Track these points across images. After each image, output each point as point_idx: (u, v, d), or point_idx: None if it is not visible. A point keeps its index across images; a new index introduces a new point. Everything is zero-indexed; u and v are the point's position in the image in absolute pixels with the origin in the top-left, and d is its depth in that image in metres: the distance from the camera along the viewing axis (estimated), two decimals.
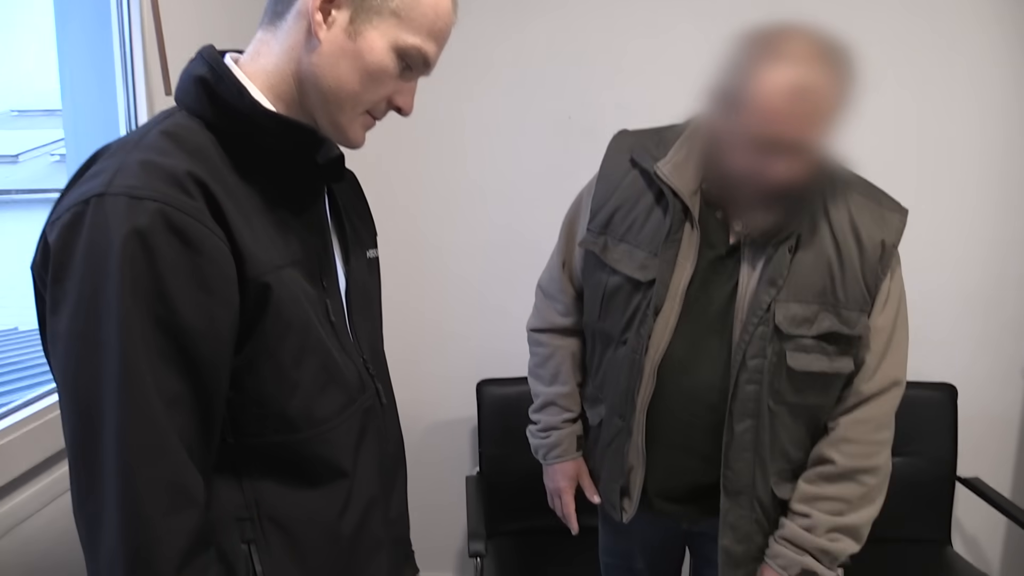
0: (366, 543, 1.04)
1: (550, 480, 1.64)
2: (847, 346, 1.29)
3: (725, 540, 1.39)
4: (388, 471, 1.10)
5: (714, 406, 1.34)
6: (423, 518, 2.76)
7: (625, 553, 1.65)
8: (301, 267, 0.96)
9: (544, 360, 1.62)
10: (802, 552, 1.31)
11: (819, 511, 1.31)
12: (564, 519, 1.65)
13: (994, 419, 2.61)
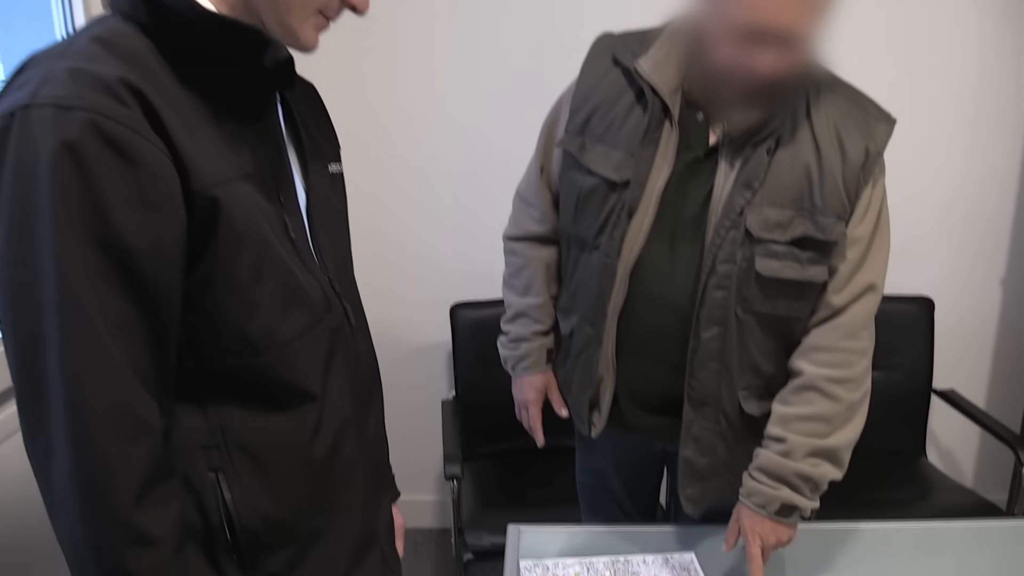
0: (341, 467, 1.01)
1: (518, 391, 1.63)
2: (821, 253, 1.25)
3: (687, 451, 1.37)
4: (361, 393, 1.06)
5: (684, 313, 1.30)
6: (401, 443, 2.77)
7: (600, 472, 1.65)
8: (254, 181, 0.90)
9: (518, 270, 1.58)
10: (779, 484, 1.26)
11: (795, 433, 1.26)
12: (530, 431, 1.64)
13: (970, 331, 2.62)
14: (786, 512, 1.26)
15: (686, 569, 1.37)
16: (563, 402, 1.57)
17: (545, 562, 1.39)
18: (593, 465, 1.66)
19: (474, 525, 2.06)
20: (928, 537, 1.47)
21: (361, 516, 1.04)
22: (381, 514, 1.13)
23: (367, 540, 1.07)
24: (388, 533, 1.16)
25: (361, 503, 1.05)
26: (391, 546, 1.17)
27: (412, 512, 2.79)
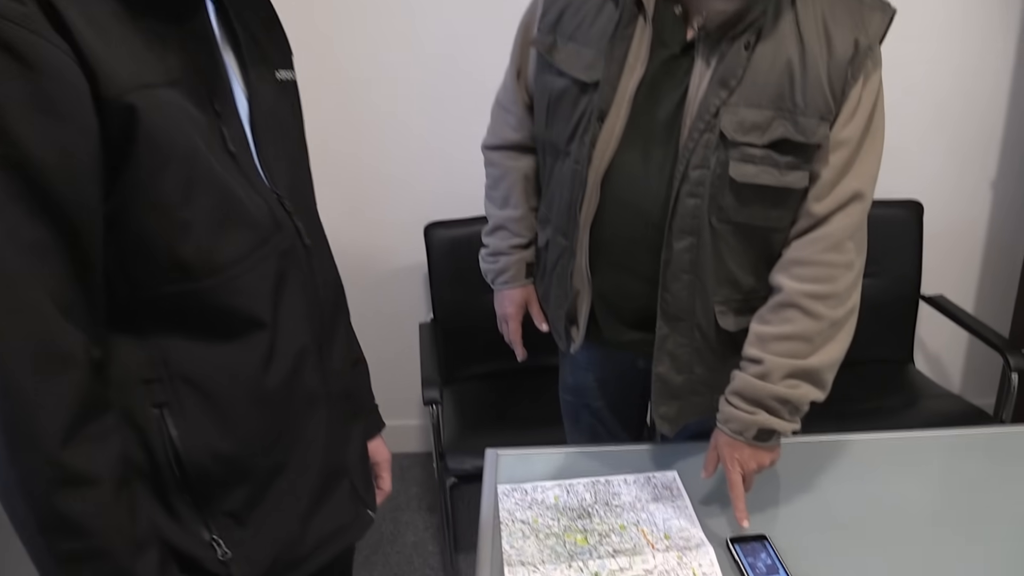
0: (299, 399, 0.94)
1: (498, 305, 1.58)
2: (801, 158, 1.15)
3: (660, 368, 1.31)
4: (321, 319, 0.99)
5: (657, 223, 1.23)
6: (382, 368, 2.72)
7: (582, 390, 1.60)
8: (182, 87, 0.81)
9: (496, 181, 1.52)
10: (756, 408, 1.20)
11: (772, 354, 1.19)
12: (510, 345, 1.60)
13: (960, 235, 2.56)
14: (764, 437, 1.20)
15: (668, 488, 1.33)
16: (543, 316, 1.53)
17: (524, 486, 1.35)
18: (575, 383, 1.61)
19: (456, 449, 2.02)
20: (915, 447, 1.43)
21: (325, 449, 0.99)
22: (352, 446, 1.08)
23: (334, 473, 1.01)
24: (361, 465, 1.11)
25: (325, 436, 0.99)
26: (364, 478, 1.11)
27: (397, 437, 2.77)
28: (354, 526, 1.06)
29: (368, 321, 2.60)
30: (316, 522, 0.98)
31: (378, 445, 1.25)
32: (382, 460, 1.25)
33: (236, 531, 0.90)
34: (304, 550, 0.97)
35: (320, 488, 0.98)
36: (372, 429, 1.24)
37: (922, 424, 2.01)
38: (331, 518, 1.01)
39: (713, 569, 1.15)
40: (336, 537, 1.02)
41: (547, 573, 1.14)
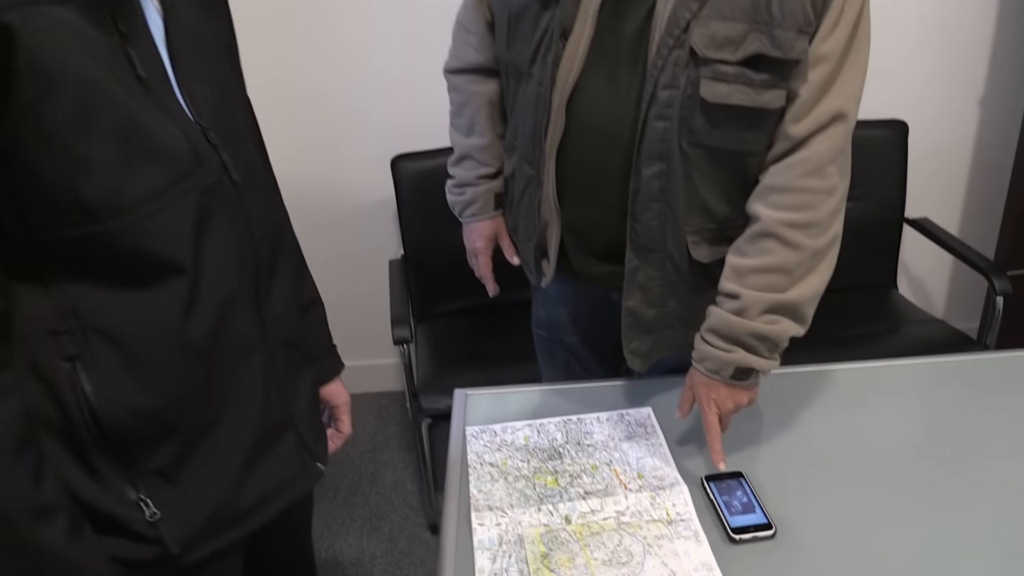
0: (230, 348, 0.87)
1: (467, 239, 1.52)
2: (778, 75, 1.07)
3: (631, 301, 1.25)
4: (255, 262, 0.91)
5: (625, 149, 1.15)
6: (355, 307, 2.67)
7: (555, 326, 1.54)
8: (76, 5, 0.71)
9: (460, 108, 1.43)
10: (733, 346, 1.13)
11: (750, 288, 1.12)
12: (482, 280, 1.54)
13: (945, 155, 2.49)
14: (742, 375, 1.14)
15: (642, 426, 1.28)
16: (514, 249, 1.46)
17: (493, 427, 1.29)
18: (548, 317, 1.55)
19: (429, 388, 1.97)
20: (898, 376, 1.38)
21: (263, 401, 0.92)
22: (299, 396, 1.01)
23: (276, 426, 0.95)
24: (310, 415, 1.04)
25: (262, 386, 0.92)
26: (314, 428, 1.05)
27: (374, 376, 2.72)
28: (301, 479, 1.00)
29: (339, 259, 2.53)
30: (256, 477, 0.92)
31: (336, 388, 1.19)
32: (341, 403, 1.19)
33: (165, 490, 0.84)
34: (243, 506, 0.91)
35: (259, 442, 0.92)
36: (328, 372, 1.17)
37: (905, 351, 1.98)
38: (273, 472, 0.95)
39: (687, 509, 1.10)
40: (280, 492, 0.96)
41: (515, 518, 1.10)
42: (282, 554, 1.16)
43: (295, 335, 1.01)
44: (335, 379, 1.19)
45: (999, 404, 1.29)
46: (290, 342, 0.99)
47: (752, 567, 1.01)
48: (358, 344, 2.66)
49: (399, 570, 2.02)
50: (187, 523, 0.85)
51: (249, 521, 0.93)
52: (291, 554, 1.18)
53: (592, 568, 1.00)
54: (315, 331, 1.15)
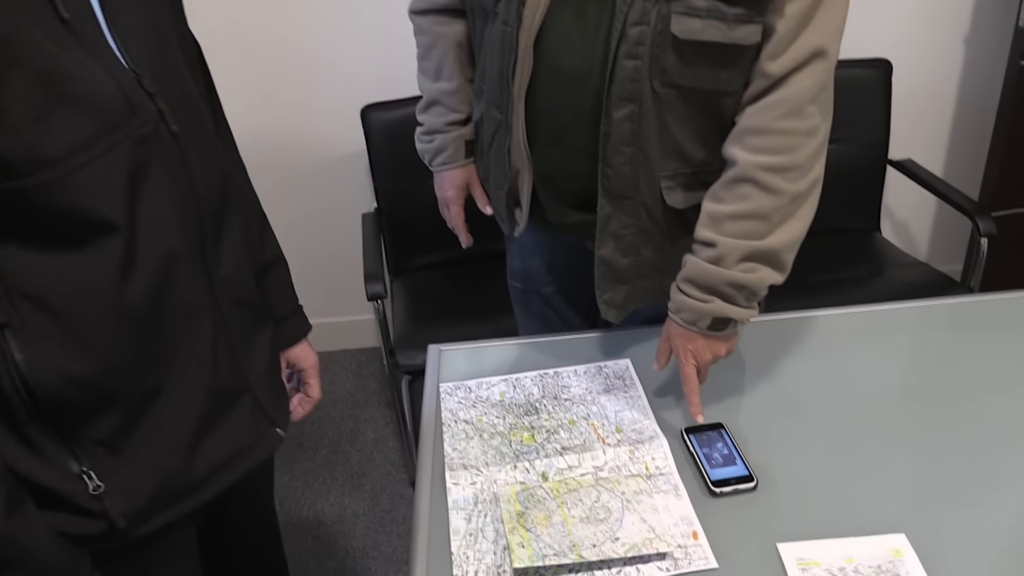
0: (174, 311, 0.82)
1: (438, 189, 1.46)
2: (752, 9, 1.00)
3: (604, 250, 1.20)
4: (198, 218, 0.85)
5: (596, 91, 1.09)
6: (330, 263, 2.61)
7: (531, 276, 1.50)
8: None
9: (427, 51, 1.37)
10: (710, 296, 1.09)
11: (727, 235, 1.07)
12: (454, 231, 1.49)
13: (930, 95, 2.44)
14: (720, 326, 1.10)
15: (620, 378, 1.25)
16: (487, 199, 1.41)
17: (467, 383, 1.26)
18: (523, 268, 1.51)
19: (406, 344, 1.93)
20: (881, 320, 1.35)
21: (213, 365, 0.87)
22: (254, 359, 0.96)
23: (229, 391, 0.90)
24: (268, 378, 1.00)
25: (211, 350, 0.87)
26: (273, 392, 1.01)
27: (352, 332, 2.68)
28: (259, 445, 0.96)
29: (310, 213, 2.47)
30: (208, 445, 0.88)
31: (303, 350, 1.14)
32: (308, 366, 1.15)
33: (108, 461, 0.79)
34: (196, 476, 0.87)
35: (211, 408, 0.87)
36: (294, 334, 1.13)
37: (889, 294, 1.95)
38: (228, 439, 0.90)
39: (667, 463, 1.07)
40: (236, 460, 0.92)
41: (490, 476, 1.07)
42: (244, 519, 1.13)
43: (248, 295, 0.96)
44: (302, 341, 1.14)
45: (983, 347, 1.26)
46: (242, 303, 0.94)
47: (733, 520, 0.98)
48: (334, 300, 2.62)
49: (381, 527, 2.00)
50: (134, 495, 0.81)
51: (203, 491, 0.89)
52: (253, 519, 1.15)
53: (569, 526, 0.97)
54: (278, 292, 1.10)
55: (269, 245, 1.08)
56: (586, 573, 0.92)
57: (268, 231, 1.08)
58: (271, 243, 1.09)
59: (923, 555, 0.92)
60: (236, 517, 1.10)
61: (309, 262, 2.52)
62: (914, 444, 1.08)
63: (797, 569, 0.92)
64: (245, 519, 1.13)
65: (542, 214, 1.28)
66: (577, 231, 1.26)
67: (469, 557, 0.95)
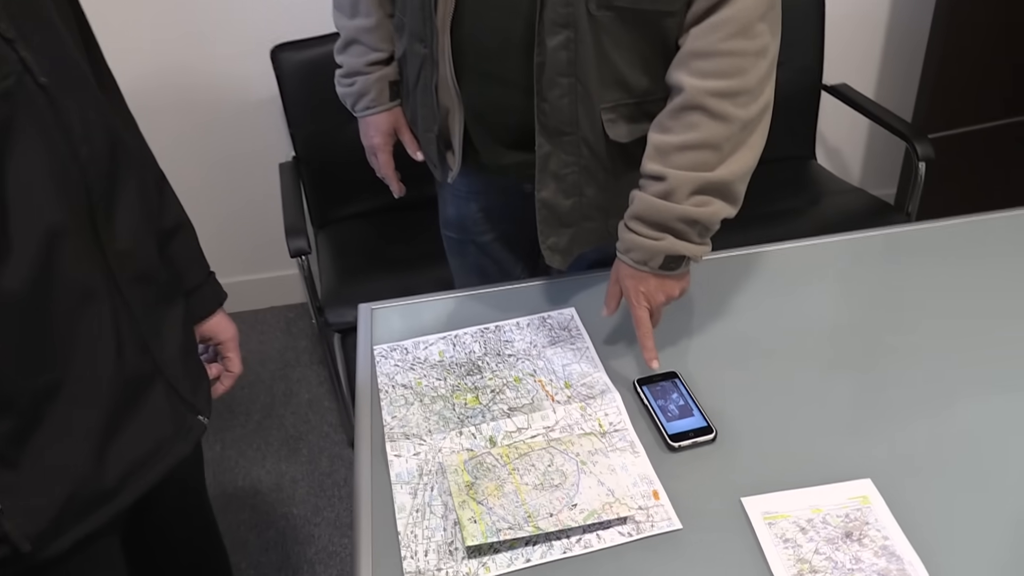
0: (63, 296, 0.71)
1: (364, 136, 1.35)
2: None
3: (545, 192, 1.12)
4: (83, 184, 0.73)
5: (526, 16, 1.00)
6: (250, 218, 2.45)
7: (466, 224, 1.40)
8: None
9: None
10: (661, 233, 1.02)
11: (676, 167, 0.99)
12: (384, 181, 1.39)
13: (862, 18, 2.38)
14: (673, 264, 1.03)
15: (566, 329, 1.18)
16: (416, 143, 1.31)
17: (403, 344, 1.17)
18: (458, 216, 1.41)
19: (335, 301, 1.82)
20: (827, 252, 1.31)
21: (116, 353, 0.76)
22: (164, 340, 0.85)
23: (138, 380, 0.80)
24: (183, 359, 0.89)
25: (113, 336, 0.76)
26: (190, 376, 0.90)
27: (278, 288, 2.55)
28: (179, 438, 0.86)
29: (222, 165, 2.30)
30: (120, 446, 0.77)
31: (219, 322, 1.04)
32: (227, 339, 1.04)
33: (5, 476, 0.69)
34: (109, 483, 0.77)
35: (119, 402, 0.77)
36: (208, 305, 1.02)
37: (829, 224, 1.92)
38: (142, 436, 0.80)
39: (621, 418, 1.01)
40: (156, 457, 0.82)
41: (435, 444, 0.99)
42: (172, 514, 1.03)
43: (151, 269, 0.84)
44: (217, 312, 1.04)
45: (932, 274, 1.23)
46: (145, 278, 0.83)
47: (694, 475, 0.93)
48: (257, 256, 2.48)
49: (322, 492, 1.92)
50: (38, 513, 0.71)
51: (119, 498, 0.79)
52: (183, 512, 1.05)
53: (523, 494, 0.90)
54: (186, 260, 0.98)
55: (170, 209, 0.96)
56: (544, 544, 0.86)
57: (168, 193, 0.96)
58: (172, 206, 0.97)
59: (889, 498, 0.89)
60: (164, 513, 1.00)
61: (226, 217, 2.37)
62: (870, 379, 1.04)
63: (764, 524, 0.87)
64: (174, 514, 1.03)
65: (476, 156, 1.18)
66: (514, 173, 1.17)
67: (417, 536, 0.88)
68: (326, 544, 1.78)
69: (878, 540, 0.85)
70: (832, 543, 0.85)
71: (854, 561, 0.83)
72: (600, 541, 0.86)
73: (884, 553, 0.83)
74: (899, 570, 0.82)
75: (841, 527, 0.86)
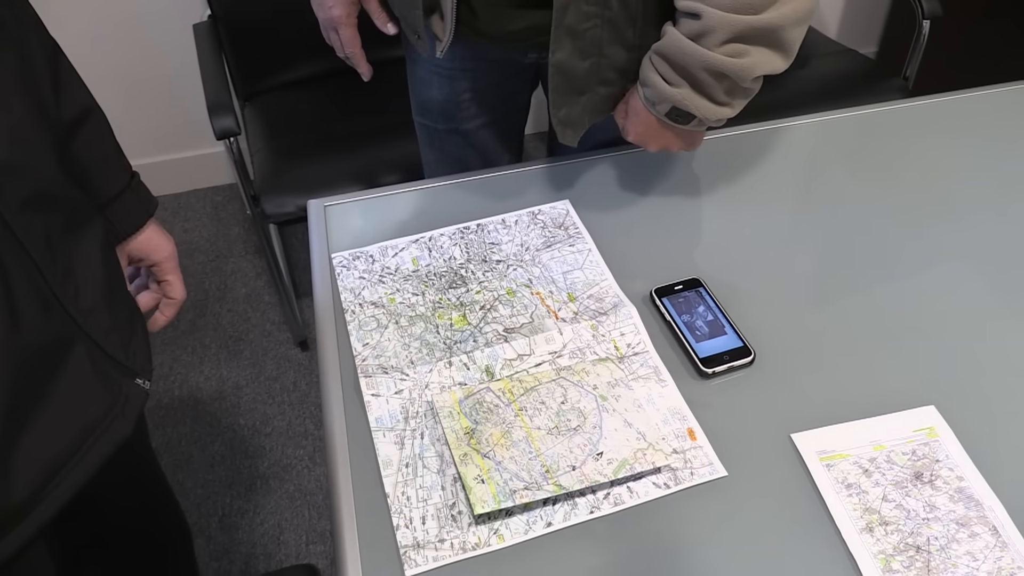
0: None
1: (318, 7, 1.09)
2: None
3: (560, 54, 0.91)
4: None
5: None
6: (164, 89, 2.12)
7: (451, 110, 1.17)
8: None
9: None
10: (679, 80, 0.86)
11: (715, 5, 0.81)
12: (349, 61, 1.14)
13: None
14: (680, 118, 0.90)
15: (561, 226, 1.00)
16: (387, 13, 1.07)
17: (368, 250, 0.97)
18: (442, 100, 1.17)
19: (272, 189, 1.58)
20: (840, 128, 1.14)
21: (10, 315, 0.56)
22: (79, 282, 0.65)
23: (49, 347, 0.60)
24: (108, 306, 0.69)
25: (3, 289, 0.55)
26: (119, 325, 0.70)
27: (203, 169, 2.27)
28: (115, 415, 0.66)
29: (126, 28, 1.96)
30: (27, 447, 0.58)
31: (150, 238, 0.82)
32: (163, 258, 0.83)
33: None
34: (17, 495, 0.58)
35: (21, 384, 0.57)
36: (134, 217, 0.80)
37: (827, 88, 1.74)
38: (60, 425, 0.61)
39: (639, 337, 0.85)
40: (81, 450, 0.63)
41: (420, 379, 0.82)
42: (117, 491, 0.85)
43: (49, 185, 0.63)
44: (147, 225, 0.82)
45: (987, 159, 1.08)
46: (42, 201, 0.61)
47: (732, 408, 0.79)
48: (176, 133, 2.18)
49: (270, 398, 1.75)
50: None
51: (35, 513, 0.60)
52: (130, 485, 0.87)
53: (536, 442, 0.74)
54: (97, 160, 0.75)
55: (70, 92, 0.72)
56: (566, 503, 0.71)
57: (67, 71, 0.72)
58: (73, 89, 0.72)
59: (957, 429, 0.76)
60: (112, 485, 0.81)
61: (137, 90, 2.06)
62: (920, 285, 0.90)
63: (821, 466, 0.74)
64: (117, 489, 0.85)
65: (473, 21, 0.96)
66: (522, 39, 0.96)
67: (410, 498, 0.72)
68: (279, 457, 1.63)
69: (952, 482, 0.73)
70: (901, 487, 0.72)
71: (928, 509, 0.71)
72: (632, 496, 0.72)
73: (961, 497, 0.71)
74: (979, 517, 0.70)
75: (909, 467, 0.74)
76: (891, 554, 0.67)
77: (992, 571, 0.66)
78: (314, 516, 1.51)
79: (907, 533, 0.69)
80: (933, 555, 0.67)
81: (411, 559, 0.68)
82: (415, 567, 0.67)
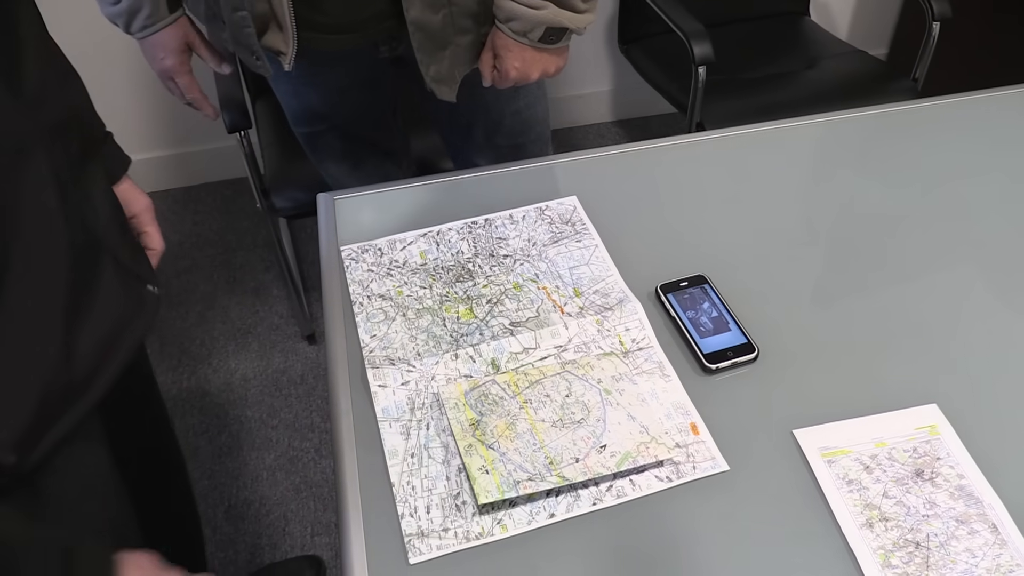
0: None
1: (151, 60, 1.12)
2: None
3: (413, 11, 0.96)
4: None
5: None
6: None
7: (317, 112, 1.24)
8: None
9: None
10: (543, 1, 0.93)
11: None
12: (193, 106, 1.17)
13: None
14: (552, 37, 0.97)
15: (569, 222, 1.00)
16: (218, 56, 1.12)
17: (376, 243, 0.98)
18: (307, 106, 1.25)
19: (282, 183, 1.59)
20: (851, 129, 1.15)
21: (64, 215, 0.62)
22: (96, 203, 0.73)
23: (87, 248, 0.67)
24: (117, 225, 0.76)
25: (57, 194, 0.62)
26: (127, 243, 0.78)
27: (213, 162, 2.29)
28: (138, 315, 0.73)
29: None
30: (87, 329, 0.65)
31: (128, 190, 0.87)
32: (141, 210, 0.88)
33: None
34: (79, 372, 0.64)
35: (76, 275, 0.64)
36: (115, 168, 0.86)
37: (836, 88, 1.74)
38: (104, 315, 0.67)
39: (644, 333, 0.86)
40: (120, 340, 0.69)
41: (426, 371, 0.83)
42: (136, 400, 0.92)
43: (65, 118, 0.69)
44: (124, 178, 0.86)
45: (986, 158, 1.08)
46: (63, 129, 0.68)
47: (735, 403, 0.79)
48: (186, 127, 2.20)
49: (277, 390, 1.76)
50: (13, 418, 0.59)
51: (91, 392, 0.67)
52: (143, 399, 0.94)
53: (540, 434, 0.75)
54: (85, 103, 0.81)
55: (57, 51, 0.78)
56: (568, 494, 0.72)
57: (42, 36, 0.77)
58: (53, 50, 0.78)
59: (959, 428, 0.77)
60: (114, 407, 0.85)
61: (149, 84, 2.07)
62: (924, 284, 0.91)
63: (822, 462, 0.75)
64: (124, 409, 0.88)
65: (315, 22, 1.00)
66: (372, 26, 1.03)
67: (416, 488, 0.73)
68: (286, 449, 1.64)
69: (952, 479, 0.73)
70: (902, 484, 0.73)
71: (928, 506, 0.71)
72: (635, 488, 0.73)
73: (961, 495, 0.72)
74: (979, 515, 0.71)
75: (910, 464, 0.74)
76: (890, 550, 0.68)
77: (991, 568, 0.67)
78: (319, 508, 1.53)
79: (907, 529, 0.69)
80: (932, 551, 0.68)
81: (415, 547, 0.69)
82: (419, 555, 0.68)
